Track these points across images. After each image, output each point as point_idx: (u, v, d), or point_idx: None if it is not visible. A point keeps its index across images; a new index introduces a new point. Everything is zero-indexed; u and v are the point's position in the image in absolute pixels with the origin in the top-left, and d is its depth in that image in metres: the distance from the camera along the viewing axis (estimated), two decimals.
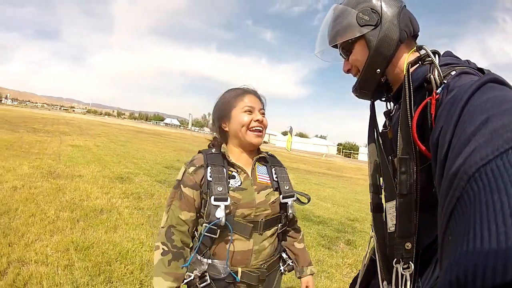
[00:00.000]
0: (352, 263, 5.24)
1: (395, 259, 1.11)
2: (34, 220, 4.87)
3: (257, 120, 1.77)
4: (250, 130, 1.76)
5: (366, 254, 1.50)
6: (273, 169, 1.92)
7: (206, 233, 1.63)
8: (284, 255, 1.99)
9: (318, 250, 5.59)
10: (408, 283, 1.07)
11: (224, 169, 1.73)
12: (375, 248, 1.31)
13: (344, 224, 7.69)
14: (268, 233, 1.79)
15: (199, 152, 1.85)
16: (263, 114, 1.83)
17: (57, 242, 4.23)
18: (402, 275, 1.09)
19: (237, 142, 1.83)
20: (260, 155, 1.90)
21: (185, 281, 1.69)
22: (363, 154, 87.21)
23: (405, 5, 1.24)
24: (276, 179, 1.88)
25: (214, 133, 1.95)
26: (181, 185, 1.74)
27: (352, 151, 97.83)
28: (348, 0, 1.28)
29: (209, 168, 1.71)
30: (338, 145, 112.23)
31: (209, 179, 1.68)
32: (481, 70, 1.03)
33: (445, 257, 0.53)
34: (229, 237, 1.66)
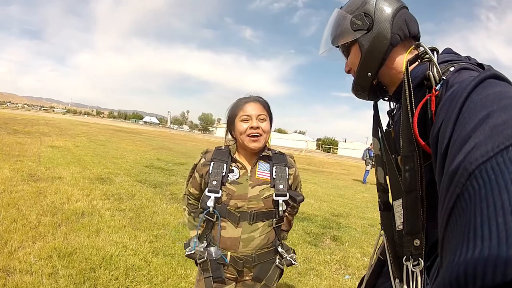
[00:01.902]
0: (340, 259, 5.26)
1: (405, 257, 1.13)
2: (17, 226, 4.74)
3: (252, 127, 1.99)
4: (248, 136, 1.99)
5: (374, 253, 1.53)
6: (274, 167, 2.11)
7: (205, 215, 2.02)
8: (280, 249, 2.13)
9: (305, 248, 5.60)
10: (419, 279, 1.09)
11: (225, 164, 2.05)
12: (385, 247, 1.32)
13: (328, 220, 7.75)
14: (260, 224, 2.01)
15: (215, 147, 2.17)
16: (262, 119, 2.04)
17: (40, 249, 4.12)
18: (412, 272, 1.11)
19: (240, 145, 2.10)
20: (263, 154, 2.11)
21: (187, 253, 2.07)
22: (343, 149, 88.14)
23: (403, 7, 1.24)
24: (274, 177, 2.08)
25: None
26: (196, 170, 2.17)
27: (331, 146, 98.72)
28: (347, 4, 1.31)
29: (212, 163, 2.05)
30: (317, 140, 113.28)
31: (210, 172, 2.03)
32: (481, 65, 1.04)
33: (446, 255, 0.52)
34: (222, 223, 2.00)
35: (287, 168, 2.15)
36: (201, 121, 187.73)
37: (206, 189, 1.99)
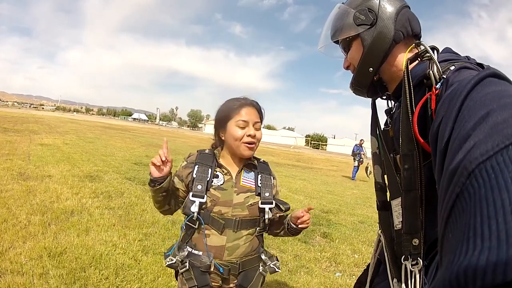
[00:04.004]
0: (330, 256, 5.27)
1: (403, 256, 1.13)
2: (7, 226, 4.70)
3: (250, 135, 1.91)
4: (244, 144, 1.91)
5: (375, 253, 1.51)
6: (259, 176, 2.06)
7: (187, 222, 1.91)
8: (263, 256, 2.08)
9: (295, 245, 5.59)
10: (417, 279, 1.09)
11: (210, 169, 1.95)
12: (384, 246, 1.32)
13: (318, 217, 7.75)
14: (244, 232, 1.94)
15: (198, 151, 2.06)
16: (258, 128, 1.97)
17: (30, 249, 4.09)
18: (411, 271, 1.11)
19: (230, 150, 2.01)
20: (249, 162, 2.06)
21: (168, 263, 1.95)
22: (332, 146, 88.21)
23: (406, 6, 1.25)
24: (260, 185, 2.02)
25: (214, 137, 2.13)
26: (176, 174, 2.04)
27: (320, 142, 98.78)
28: (350, 0, 1.30)
29: (196, 166, 1.94)
30: (306, 136, 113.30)
31: (194, 176, 1.91)
32: (480, 65, 1.04)
33: (445, 255, 0.52)
34: (204, 230, 1.89)
35: (271, 177, 2.11)
36: (190, 117, 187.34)
37: (190, 194, 1.88)
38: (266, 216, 1.96)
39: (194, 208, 1.83)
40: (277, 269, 2.10)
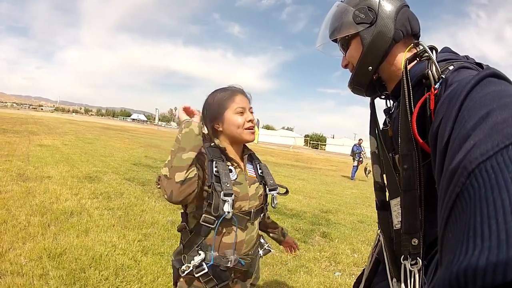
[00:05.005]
0: (330, 256, 5.26)
1: (403, 256, 1.13)
2: (7, 227, 4.69)
3: (250, 120, 1.88)
4: (245, 129, 1.86)
5: (373, 252, 1.51)
6: (257, 165, 2.07)
7: (204, 223, 1.73)
8: (261, 240, 2.15)
9: None
10: (417, 278, 1.09)
11: (225, 164, 1.82)
12: (383, 246, 1.31)
13: (317, 217, 7.75)
14: (256, 223, 1.96)
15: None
16: (252, 112, 1.94)
17: (30, 250, 4.08)
18: (410, 271, 1.11)
19: (229, 140, 1.91)
20: (250, 153, 2.03)
21: (185, 272, 1.76)
22: (331, 145, 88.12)
23: (406, 5, 1.25)
24: (261, 174, 2.04)
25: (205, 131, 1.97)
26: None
27: (319, 142, 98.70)
28: None
29: (214, 162, 1.78)
30: (305, 136, 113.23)
31: (215, 173, 1.75)
32: (479, 64, 1.04)
33: (445, 255, 0.51)
34: (232, 229, 1.81)
35: (266, 165, 2.14)
36: None
37: (222, 193, 1.69)
38: (276, 202, 2.07)
39: (228, 208, 1.70)
40: (271, 250, 2.18)
